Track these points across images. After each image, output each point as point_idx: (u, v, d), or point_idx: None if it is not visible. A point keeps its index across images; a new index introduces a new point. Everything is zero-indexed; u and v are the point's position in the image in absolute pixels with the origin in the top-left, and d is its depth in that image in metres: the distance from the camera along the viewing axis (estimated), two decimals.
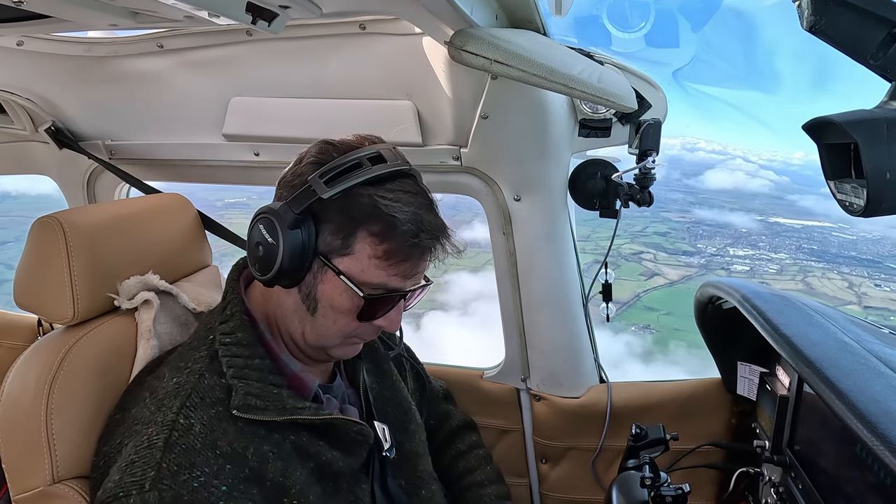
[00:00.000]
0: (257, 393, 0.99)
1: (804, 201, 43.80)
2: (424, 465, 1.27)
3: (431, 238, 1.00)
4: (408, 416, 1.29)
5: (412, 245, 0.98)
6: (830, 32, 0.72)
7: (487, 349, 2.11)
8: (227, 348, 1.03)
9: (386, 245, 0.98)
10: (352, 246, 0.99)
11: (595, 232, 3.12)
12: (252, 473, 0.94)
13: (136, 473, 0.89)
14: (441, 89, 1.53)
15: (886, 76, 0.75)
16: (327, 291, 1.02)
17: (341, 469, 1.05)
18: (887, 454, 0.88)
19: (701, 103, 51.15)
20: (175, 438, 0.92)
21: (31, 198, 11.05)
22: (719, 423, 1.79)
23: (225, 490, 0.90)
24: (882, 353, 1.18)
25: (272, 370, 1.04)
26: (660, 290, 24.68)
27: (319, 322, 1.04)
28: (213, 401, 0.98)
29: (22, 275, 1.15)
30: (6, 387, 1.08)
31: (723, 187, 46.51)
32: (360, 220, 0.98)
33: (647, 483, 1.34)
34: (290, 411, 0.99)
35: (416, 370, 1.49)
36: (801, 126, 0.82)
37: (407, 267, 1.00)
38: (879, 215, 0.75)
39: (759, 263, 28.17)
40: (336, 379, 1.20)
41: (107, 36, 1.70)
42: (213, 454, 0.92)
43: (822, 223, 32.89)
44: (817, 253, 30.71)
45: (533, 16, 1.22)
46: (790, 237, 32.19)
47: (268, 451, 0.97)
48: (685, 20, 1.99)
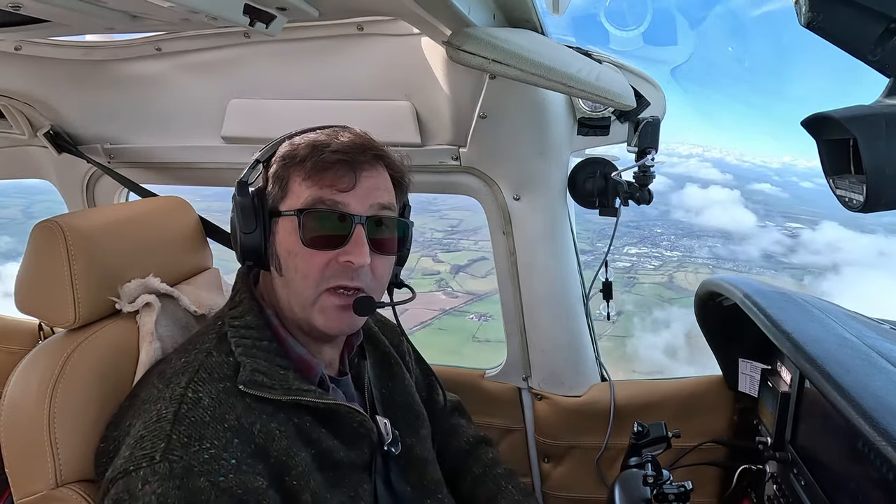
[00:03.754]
0: (265, 371, 1.00)
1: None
2: (433, 473, 1.26)
3: (345, 143, 1.03)
4: (419, 421, 1.28)
5: (328, 153, 1.02)
6: (828, 28, 0.71)
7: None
8: (236, 330, 1.05)
9: (308, 164, 1.03)
10: (287, 185, 1.05)
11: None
12: (258, 449, 0.94)
13: (146, 447, 0.89)
14: (439, 89, 1.53)
15: (885, 71, 0.75)
16: (281, 238, 1.05)
17: (342, 460, 1.05)
18: (889, 449, 0.88)
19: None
20: (184, 411, 0.92)
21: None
22: (721, 421, 1.79)
23: (234, 463, 0.91)
24: (883, 349, 1.18)
25: (279, 353, 1.05)
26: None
27: (287, 278, 1.05)
28: (221, 376, 0.99)
29: (22, 279, 1.15)
30: (8, 391, 1.08)
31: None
32: (285, 159, 1.06)
33: (649, 481, 1.34)
34: (296, 392, 1.00)
35: (430, 381, 1.45)
36: (800, 122, 0.82)
37: (332, 175, 1.02)
38: (879, 210, 0.75)
39: (643, 261, 30.04)
40: (346, 376, 1.20)
41: (105, 39, 1.70)
42: (222, 427, 0.93)
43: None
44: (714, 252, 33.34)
45: (531, 15, 1.22)
46: (701, 237, 34.30)
47: (274, 429, 0.97)
48: (683, 18, 2.00)
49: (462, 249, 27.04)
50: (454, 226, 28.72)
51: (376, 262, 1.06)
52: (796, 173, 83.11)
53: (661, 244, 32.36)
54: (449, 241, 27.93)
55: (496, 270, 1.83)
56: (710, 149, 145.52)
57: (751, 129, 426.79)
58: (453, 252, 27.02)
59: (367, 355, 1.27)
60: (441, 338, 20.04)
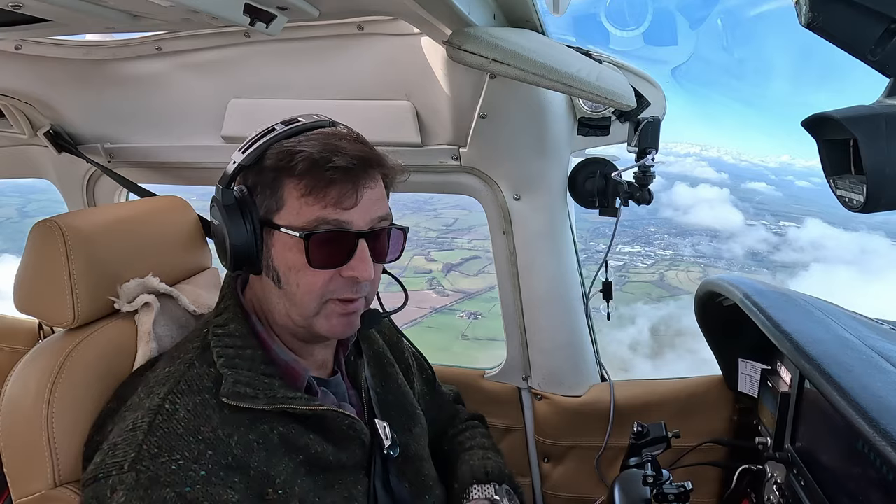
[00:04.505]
0: (247, 382, 0.99)
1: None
2: (429, 470, 1.27)
3: (349, 159, 0.97)
4: (413, 420, 1.29)
5: (331, 170, 0.96)
6: (829, 29, 0.71)
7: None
8: (220, 339, 1.04)
9: (306, 179, 0.97)
10: (281, 197, 0.99)
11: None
12: (234, 462, 0.94)
13: (117, 455, 0.90)
14: (440, 89, 1.53)
15: (885, 72, 0.75)
16: (279, 253, 1.01)
17: (332, 464, 1.05)
18: (889, 450, 0.88)
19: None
20: (158, 422, 0.93)
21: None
22: (721, 421, 1.79)
23: (203, 475, 0.90)
24: (883, 349, 1.18)
25: (264, 360, 1.04)
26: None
27: (288, 292, 1.02)
28: (200, 388, 0.98)
29: (22, 279, 1.15)
30: (7, 391, 1.08)
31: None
32: (278, 170, 0.99)
33: (649, 481, 1.34)
34: (281, 400, 1.00)
35: (427, 374, 1.47)
36: (801, 122, 0.82)
37: (335, 194, 0.98)
38: (879, 211, 0.75)
39: (635, 259, 30.67)
40: (336, 375, 1.19)
41: (105, 39, 1.70)
42: (195, 439, 0.93)
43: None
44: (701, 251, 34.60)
45: (531, 15, 1.22)
46: (693, 236, 35.19)
47: (252, 441, 0.97)
48: (683, 18, 2.00)
49: (455, 248, 27.16)
50: (449, 225, 28.77)
51: (375, 269, 1.06)
52: (793, 172, 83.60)
53: (655, 243, 32.88)
54: (443, 239, 28.00)
55: (496, 270, 1.82)
56: (708, 148, 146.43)
57: (750, 129, 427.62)
58: (446, 251, 27.09)
59: (362, 354, 1.27)
60: (431, 336, 20.17)
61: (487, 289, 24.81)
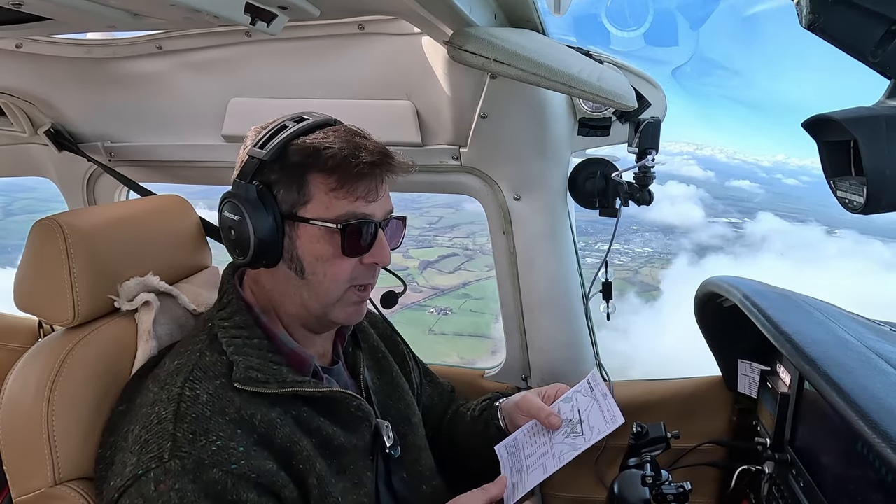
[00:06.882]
0: (258, 367, 1.01)
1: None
2: (426, 460, 1.29)
3: (373, 154, 1.03)
4: (410, 410, 1.31)
5: (358, 165, 1.01)
6: (829, 30, 0.71)
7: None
8: (226, 330, 1.06)
9: (336, 175, 1.02)
10: (308, 191, 1.03)
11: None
12: (261, 438, 0.96)
13: (152, 449, 0.90)
14: (440, 89, 1.53)
15: (886, 73, 0.75)
16: (306, 245, 1.04)
17: (344, 446, 1.07)
18: (888, 451, 0.88)
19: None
20: (184, 409, 0.94)
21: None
22: (720, 421, 1.79)
23: (243, 451, 0.93)
24: (883, 351, 1.18)
25: (270, 349, 1.06)
26: (492, 279, 26.93)
27: (313, 281, 1.06)
28: (216, 374, 1.00)
29: (22, 277, 1.15)
30: (7, 389, 1.08)
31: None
32: (304, 165, 1.02)
33: (648, 481, 1.34)
34: (291, 384, 1.02)
35: (422, 366, 1.52)
36: (801, 123, 0.82)
37: (363, 188, 1.04)
38: (879, 212, 0.75)
39: (612, 257, 31.06)
40: (337, 364, 1.22)
41: (106, 38, 1.70)
42: (224, 420, 0.95)
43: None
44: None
45: (532, 15, 1.22)
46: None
47: (275, 418, 0.99)
48: (684, 18, 2.00)
49: (435, 246, 27.24)
50: (433, 223, 28.80)
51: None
52: (784, 171, 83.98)
53: (635, 241, 33.30)
54: (424, 237, 28.02)
55: (496, 270, 1.82)
56: (704, 147, 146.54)
57: (749, 129, 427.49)
58: (425, 248, 27.20)
59: (360, 344, 1.31)
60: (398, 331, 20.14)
61: (461, 285, 24.93)
